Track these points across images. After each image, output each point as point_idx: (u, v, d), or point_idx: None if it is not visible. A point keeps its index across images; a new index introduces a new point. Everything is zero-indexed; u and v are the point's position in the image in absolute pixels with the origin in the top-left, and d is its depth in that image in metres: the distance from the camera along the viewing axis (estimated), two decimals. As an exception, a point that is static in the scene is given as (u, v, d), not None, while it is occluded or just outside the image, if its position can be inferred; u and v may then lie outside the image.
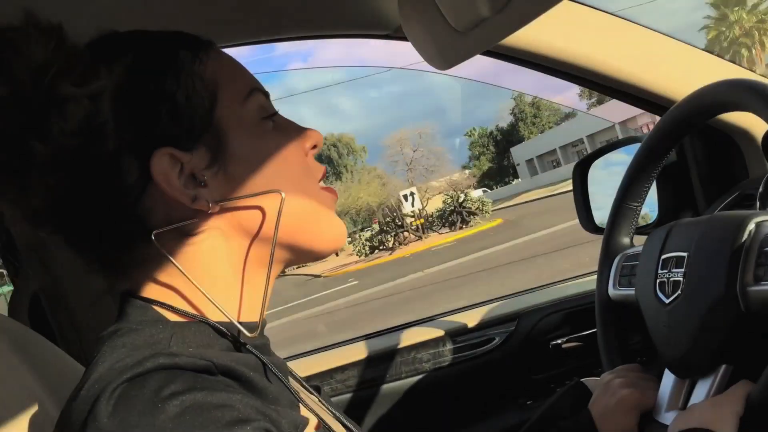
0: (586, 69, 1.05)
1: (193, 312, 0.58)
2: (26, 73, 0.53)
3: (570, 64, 1.04)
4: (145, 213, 0.57)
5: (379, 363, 1.35)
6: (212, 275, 0.59)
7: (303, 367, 1.36)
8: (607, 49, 1.05)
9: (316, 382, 1.33)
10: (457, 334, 1.38)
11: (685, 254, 0.82)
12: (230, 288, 0.60)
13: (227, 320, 0.58)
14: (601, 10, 1.05)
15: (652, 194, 1.34)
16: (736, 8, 40.76)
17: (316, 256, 0.65)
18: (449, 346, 1.37)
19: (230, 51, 0.67)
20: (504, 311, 1.39)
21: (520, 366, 1.36)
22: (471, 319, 1.39)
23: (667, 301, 0.83)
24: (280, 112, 0.65)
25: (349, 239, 26.18)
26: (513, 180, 50.72)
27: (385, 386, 1.34)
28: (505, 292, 1.54)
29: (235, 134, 0.60)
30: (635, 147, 1.02)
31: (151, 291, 0.59)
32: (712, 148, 1.24)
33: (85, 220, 0.57)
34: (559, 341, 1.34)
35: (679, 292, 0.81)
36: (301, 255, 0.64)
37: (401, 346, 1.37)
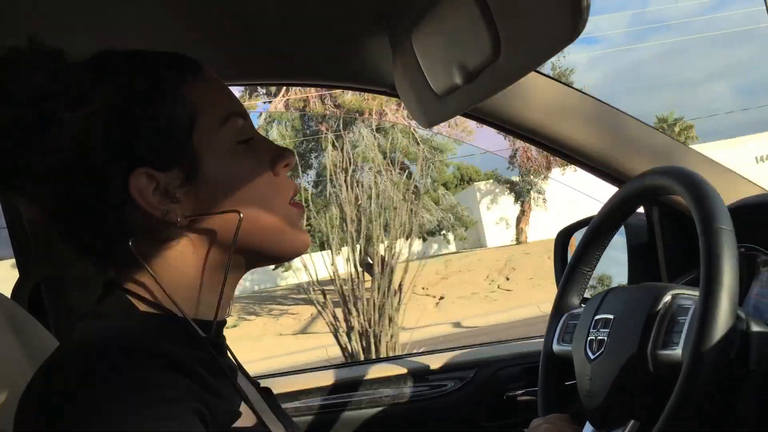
0: (553, 138, 1.16)
1: (162, 305, 0.64)
2: (26, 97, 0.58)
3: (538, 132, 1.16)
4: (126, 221, 0.63)
5: (343, 391, 1.43)
6: (180, 277, 0.65)
7: (272, 385, 1.43)
8: (574, 121, 1.16)
9: (282, 401, 1.41)
10: (418, 374, 1.45)
11: (612, 316, 0.91)
12: (193, 289, 0.66)
13: (190, 317, 0.64)
14: (573, 88, 1.18)
15: (624, 268, 1.44)
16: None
17: (276, 261, 0.73)
18: (409, 385, 1.44)
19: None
20: (465, 359, 1.47)
21: (474, 412, 1.42)
22: (434, 362, 1.47)
23: (592, 357, 0.91)
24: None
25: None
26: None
27: (346, 413, 1.41)
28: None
29: (209, 158, 0.64)
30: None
31: (129, 283, 0.65)
32: (678, 229, 1.33)
33: (77, 224, 0.64)
34: (514, 393, 1.41)
35: (603, 349, 0.89)
36: (263, 260, 0.71)
37: (365, 378, 1.45)
